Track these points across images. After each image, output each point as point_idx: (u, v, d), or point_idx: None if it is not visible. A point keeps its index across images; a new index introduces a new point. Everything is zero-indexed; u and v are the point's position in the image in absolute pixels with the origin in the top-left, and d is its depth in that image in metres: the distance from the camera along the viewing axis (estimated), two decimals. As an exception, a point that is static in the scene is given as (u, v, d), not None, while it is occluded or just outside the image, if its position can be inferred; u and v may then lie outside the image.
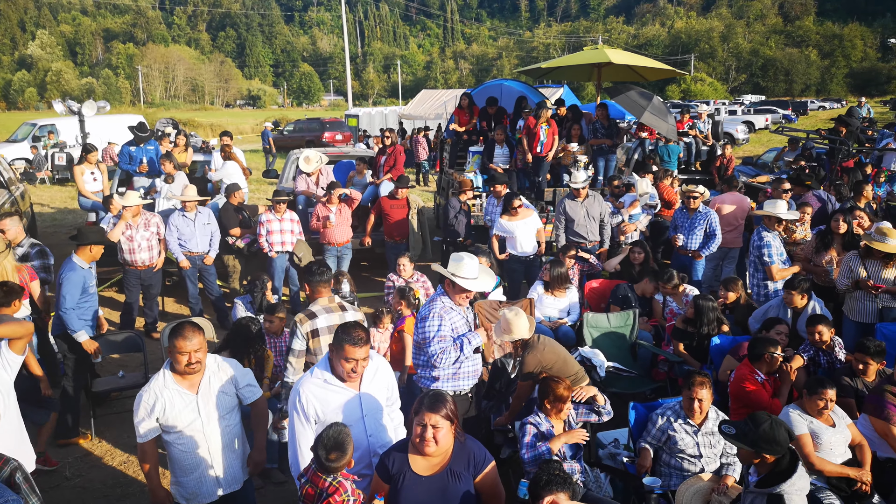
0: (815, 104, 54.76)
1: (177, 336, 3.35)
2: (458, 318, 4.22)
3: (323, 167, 9.49)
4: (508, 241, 7.72)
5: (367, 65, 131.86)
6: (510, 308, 4.54)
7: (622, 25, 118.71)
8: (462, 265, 4.16)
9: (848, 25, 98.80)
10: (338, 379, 3.35)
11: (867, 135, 14.15)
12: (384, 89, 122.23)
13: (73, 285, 5.40)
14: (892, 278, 5.70)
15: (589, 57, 10.82)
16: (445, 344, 4.09)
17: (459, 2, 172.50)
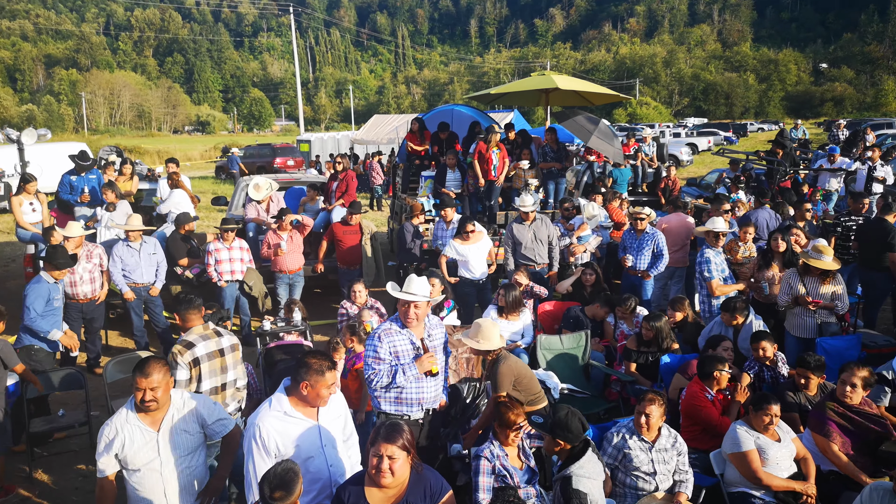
0: (754, 126, 57.01)
1: (136, 371, 3.31)
2: (401, 342, 4.16)
3: (273, 194, 9.38)
4: (461, 265, 7.73)
5: (319, 90, 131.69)
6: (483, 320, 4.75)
7: (569, 51, 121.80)
8: (411, 283, 4.17)
9: (782, 51, 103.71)
10: (297, 410, 3.32)
11: (805, 156, 14.78)
12: (336, 114, 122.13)
13: (38, 295, 5.85)
14: (829, 294, 5.93)
15: (537, 83, 11.04)
16: (378, 366, 4.09)
17: (410, 28, 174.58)
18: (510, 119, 19.53)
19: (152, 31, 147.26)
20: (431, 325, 4.41)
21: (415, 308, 4.12)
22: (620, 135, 18.00)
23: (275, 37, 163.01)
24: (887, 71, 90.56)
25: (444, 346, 4.52)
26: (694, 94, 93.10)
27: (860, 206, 8.56)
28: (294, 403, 3.31)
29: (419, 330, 4.26)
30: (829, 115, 70.77)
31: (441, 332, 4.49)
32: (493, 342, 4.61)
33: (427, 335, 4.31)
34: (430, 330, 4.36)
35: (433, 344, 4.32)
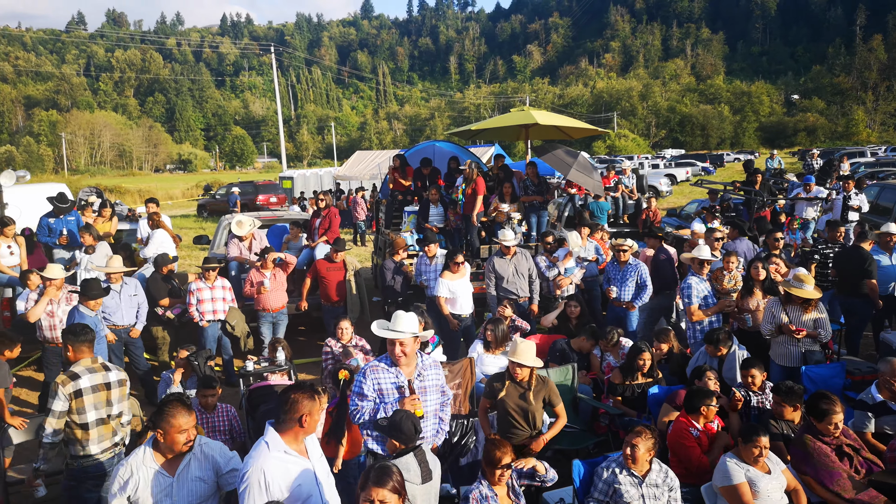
0: (730, 156, 58.16)
1: (170, 415, 3.32)
2: (386, 380, 4.12)
3: (256, 231, 9.34)
4: (449, 303, 7.73)
5: (301, 127, 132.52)
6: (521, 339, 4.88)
7: (548, 86, 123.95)
8: (397, 319, 4.14)
9: (754, 83, 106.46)
10: (292, 449, 3.29)
11: (780, 185, 15.06)
12: (319, 150, 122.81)
13: None
14: (811, 322, 5.98)
15: (516, 118, 11.20)
16: (361, 402, 4.08)
17: (391, 65, 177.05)
18: (491, 153, 19.78)
19: (133, 72, 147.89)
20: (424, 365, 4.31)
21: (400, 346, 4.07)
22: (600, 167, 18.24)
23: (256, 75, 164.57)
24: (856, 101, 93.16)
25: (440, 387, 4.40)
26: (671, 126, 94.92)
27: (837, 235, 8.71)
28: (289, 442, 3.28)
29: (409, 369, 4.20)
30: (803, 145, 72.41)
31: (436, 374, 4.37)
32: (531, 360, 4.74)
33: (417, 375, 4.23)
34: (423, 370, 4.27)
35: (423, 384, 4.23)
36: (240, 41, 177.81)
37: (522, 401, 4.78)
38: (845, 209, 10.64)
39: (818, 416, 4.32)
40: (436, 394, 4.33)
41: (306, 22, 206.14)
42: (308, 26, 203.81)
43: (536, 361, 4.81)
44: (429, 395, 4.25)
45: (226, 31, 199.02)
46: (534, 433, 4.85)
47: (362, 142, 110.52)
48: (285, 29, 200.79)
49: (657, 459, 4.17)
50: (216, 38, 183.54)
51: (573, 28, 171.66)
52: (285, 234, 10.31)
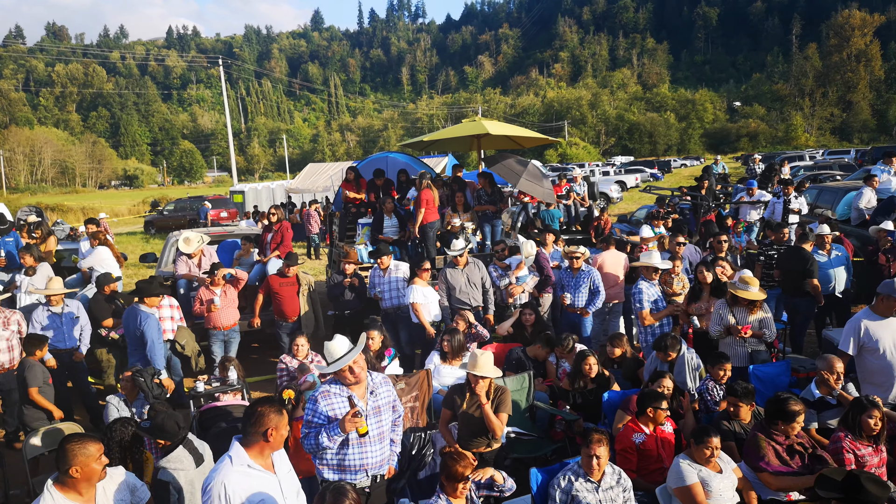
0: (677, 162, 59.84)
1: (82, 447, 3.30)
2: (337, 402, 3.95)
3: (205, 248, 9.12)
4: (423, 309, 7.70)
5: (252, 140, 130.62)
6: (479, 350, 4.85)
7: (499, 96, 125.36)
8: (330, 348, 4.00)
9: (698, 91, 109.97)
10: (257, 463, 3.27)
11: (725, 190, 15.52)
12: (270, 163, 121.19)
13: (154, 328, 6.69)
14: (757, 322, 6.15)
15: (468, 129, 11.24)
16: (309, 429, 3.91)
17: (343, 77, 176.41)
18: (445, 163, 19.85)
19: (75, 86, 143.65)
20: (376, 383, 4.14)
21: (350, 368, 3.92)
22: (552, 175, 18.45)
23: (204, 88, 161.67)
24: (794, 107, 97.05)
25: (391, 404, 4.24)
26: (619, 134, 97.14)
27: (781, 236, 9.01)
28: (254, 456, 3.25)
29: (361, 390, 4.04)
30: (746, 150, 74.98)
31: (387, 391, 4.19)
32: (491, 370, 4.72)
33: (370, 393, 4.08)
34: (375, 388, 4.11)
35: (377, 403, 4.07)
36: (187, 54, 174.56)
37: (478, 412, 4.77)
38: (786, 212, 11.00)
39: (786, 418, 4.36)
40: (389, 412, 4.16)
41: (255, 34, 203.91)
42: (257, 38, 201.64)
43: (496, 372, 4.80)
44: (383, 414, 4.09)
45: (172, 43, 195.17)
46: (492, 442, 4.85)
47: (315, 154, 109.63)
48: (234, 41, 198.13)
49: (611, 463, 4.21)
50: (162, 51, 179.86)
51: (523, 39, 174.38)
52: (236, 250, 10.12)
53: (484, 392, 4.77)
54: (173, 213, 29.03)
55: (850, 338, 5.33)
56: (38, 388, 6.13)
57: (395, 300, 8.08)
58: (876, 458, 4.36)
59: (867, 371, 5.20)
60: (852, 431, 4.38)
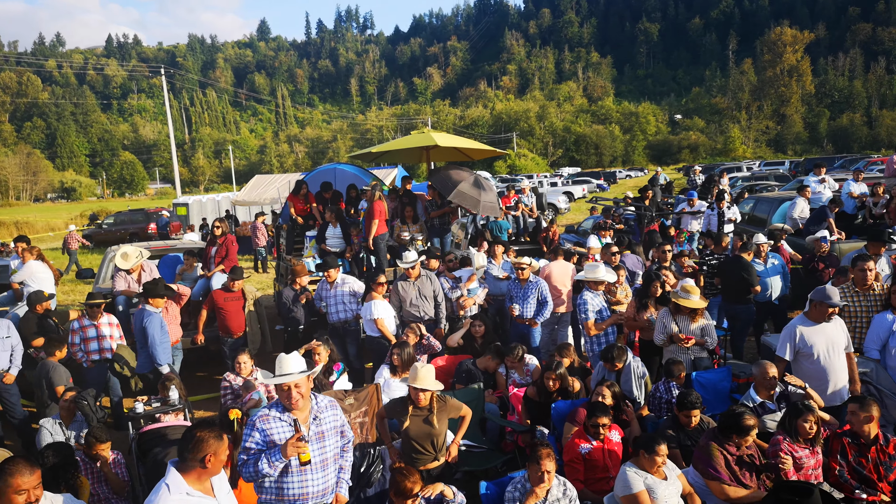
0: (622, 173, 61.36)
1: (9, 473, 3.11)
2: (277, 428, 3.76)
3: (145, 263, 8.82)
4: (371, 325, 7.63)
5: (197, 151, 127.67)
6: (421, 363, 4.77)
7: (449, 108, 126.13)
8: (282, 362, 3.87)
9: (641, 104, 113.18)
10: (195, 489, 3.18)
11: (668, 201, 15.95)
12: (216, 175, 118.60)
13: (156, 325, 7.03)
14: (699, 330, 6.31)
15: (416, 141, 11.24)
16: (247, 455, 3.74)
17: (290, 87, 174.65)
18: (394, 175, 19.80)
19: (8, 95, 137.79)
20: (320, 407, 3.93)
21: (295, 388, 3.75)
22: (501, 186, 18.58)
23: (146, 98, 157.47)
24: (732, 120, 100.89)
25: (338, 429, 4.01)
26: (567, 146, 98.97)
27: (722, 246, 9.30)
28: (191, 482, 3.17)
29: (303, 414, 3.84)
30: (687, 161, 77.43)
31: (332, 415, 3.96)
32: (431, 383, 4.67)
33: (314, 419, 3.87)
34: (318, 413, 3.90)
35: (321, 429, 3.87)
36: (127, 63, 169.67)
37: (427, 426, 4.72)
38: (721, 222, 11.37)
39: (741, 432, 4.43)
40: (335, 437, 3.95)
41: (199, 43, 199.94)
42: (201, 48, 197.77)
43: (437, 385, 4.74)
44: (327, 440, 3.88)
45: (112, 52, 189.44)
46: (439, 456, 4.81)
47: (262, 165, 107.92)
48: (177, 50, 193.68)
49: (556, 474, 4.23)
50: (101, 60, 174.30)
51: (471, 51, 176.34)
52: (178, 265, 9.83)
53: (430, 406, 4.73)
54: (113, 226, 28.03)
55: (787, 343, 5.51)
56: (63, 388, 6.28)
57: (343, 314, 7.99)
58: (812, 461, 4.50)
59: (803, 375, 5.38)
60: (790, 435, 4.52)
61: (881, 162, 21.63)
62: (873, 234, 8.01)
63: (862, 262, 6.42)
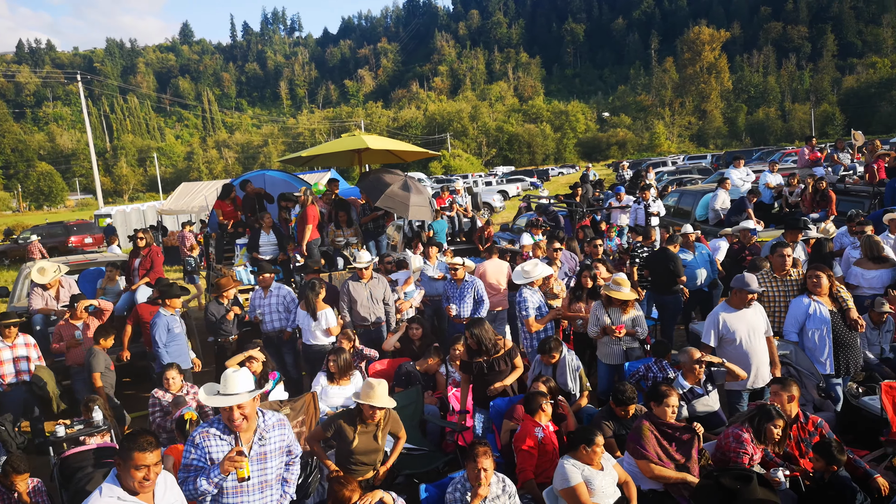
0: (555, 171, 62.63)
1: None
2: (216, 444, 3.65)
3: (63, 278, 8.40)
4: (311, 333, 7.48)
5: (119, 159, 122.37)
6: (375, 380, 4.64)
7: (381, 110, 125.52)
8: (227, 381, 3.72)
9: (570, 103, 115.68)
10: (130, 494, 3.13)
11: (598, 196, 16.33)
12: (141, 184, 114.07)
13: (160, 328, 7.03)
14: (630, 321, 6.47)
15: (348, 144, 11.12)
16: (187, 473, 3.62)
17: (217, 91, 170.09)
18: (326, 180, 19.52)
19: None
20: (266, 426, 3.78)
21: (239, 409, 3.60)
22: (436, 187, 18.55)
23: (63, 106, 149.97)
24: (656, 117, 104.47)
25: (284, 448, 3.87)
26: (500, 145, 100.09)
27: (651, 238, 9.58)
28: (130, 490, 3.14)
29: (248, 434, 3.70)
30: (616, 158, 79.72)
31: (280, 435, 3.82)
32: (385, 401, 4.60)
33: (258, 438, 3.72)
34: (265, 432, 3.75)
35: (264, 449, 3.72)
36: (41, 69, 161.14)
37: (374, 441, 4.67)
38: (647, 216, 11.73)
39: (657, 398, 4.67)
40: (279, 458, 3.82)
41: (118, 48, 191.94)
42: (120, 52, 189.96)
43: (390, 402, 4.68)
44: (269, 462, 3.75)
45: (23, 58, 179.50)
46: (378, 467, 4.76)
47: (190, 172, 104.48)
48: (94, 55, 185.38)
49: (495, 472, 4.26)
50: (12, 67, 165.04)
51: (402, 53, 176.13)
52: (100, 279, 9.40)
53: (379, 422, 4.67)
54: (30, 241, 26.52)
55: (711, 330, 5.72)
56: (100, 374, 6.78)
57: (278, 322, 7.81)
58: (758, 455, 4.63)
59: (727, 360, 5.58)
60: (757, 436, 4.56)
61: (795, 153, 22.82)
62: (790, 222, 8.43)
63: (780, 248, 6.72)
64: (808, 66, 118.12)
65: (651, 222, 11.23)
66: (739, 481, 3.30)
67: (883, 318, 6.57)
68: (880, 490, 4.43)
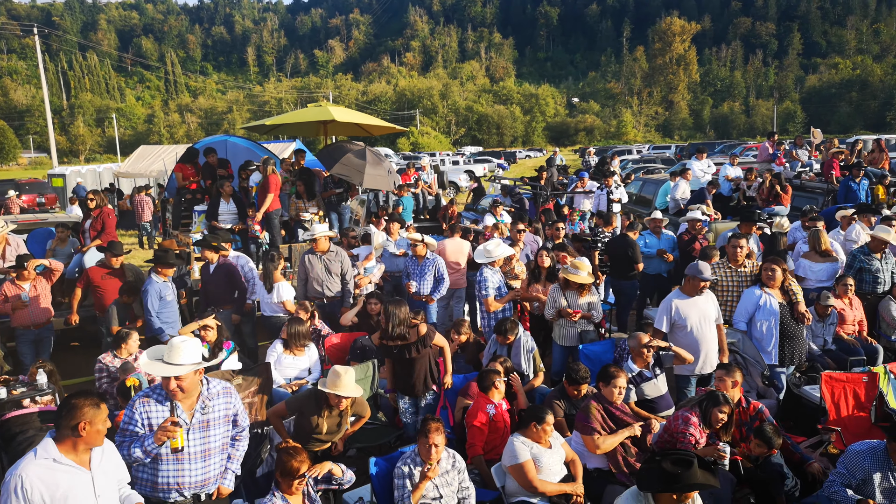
0: (522, 153, 62.75)
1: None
2: (156, 410, 3.62)
3: (10, 237, 8.10)
4: (269, 305, 7.43)
5: (76, 118, 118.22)
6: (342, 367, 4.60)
7: (351, 82, 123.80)
8: (172, 350, 3.66)
9: (541, 86, 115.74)
10: (66, 456, 3.09)
11: (563, 181, 16.42)
12: (99, 145, 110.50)
13: (152, 295, 6.91)
14: (586, 305, 6.56)
15: (313, 114, 10.94)
16: (123, 438, 3.59)
17: (181, 54, 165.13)
18: (291, 150, 19.19)
19: None
20: (210, 394, 3.74)
21: (176, 380, 3.56)
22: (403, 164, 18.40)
23: (18, 60, 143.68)
24: (625, 105, 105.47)
25: (229, 417, 3.85)
26: (469, 125, 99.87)
27: (611, 224, 9.70)
28: (65, 451, 3.08)
29: (189, 401, 3.67)
30: (583, 143, 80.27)
31: (225, 403, 3.80)
32: (352, 390, 4.57)
33: (201, 406, 3.70)
34: (207, 400, 3.72)
35: (206, 417, 3.70)
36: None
37: (337, 427, 4.71)
38: (609, 202, 11.85)
39: (605, 379, 4.79)
40: (223, 427, 3.79)
41: (79, 3, 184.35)
42: (81, 7, 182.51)
43: (357, 391, 4.66)
44: (213, 430, 3.72)
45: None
46: (335, 439, 4.78)
47: (151, 136, 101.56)
48: (53, 9, 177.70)
49: (447, 448, 4.29)
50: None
51: (374, 25, 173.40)
52: (50, 239, 9.11)
53: (346, 409, 4.69)
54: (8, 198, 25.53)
55: (664, 316, 5.84)
56: None
57: (235, 292, 7.69)
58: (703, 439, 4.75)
59: (678, 345, 5.71)
60: (704, 420, 4.65)
61: (755, 148, 23.32)
62: (745, 214, 8.62)
63: (735, 240, 6.88)
64: (773, 62, 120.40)
65: (612, 209, 11.35)
66: (680, 466, 3.39)
67: (828, 311, 6.80)
68: (815, 475, 4.63)
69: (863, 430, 5.45)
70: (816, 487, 4.57)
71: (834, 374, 5.70)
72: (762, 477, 4.53)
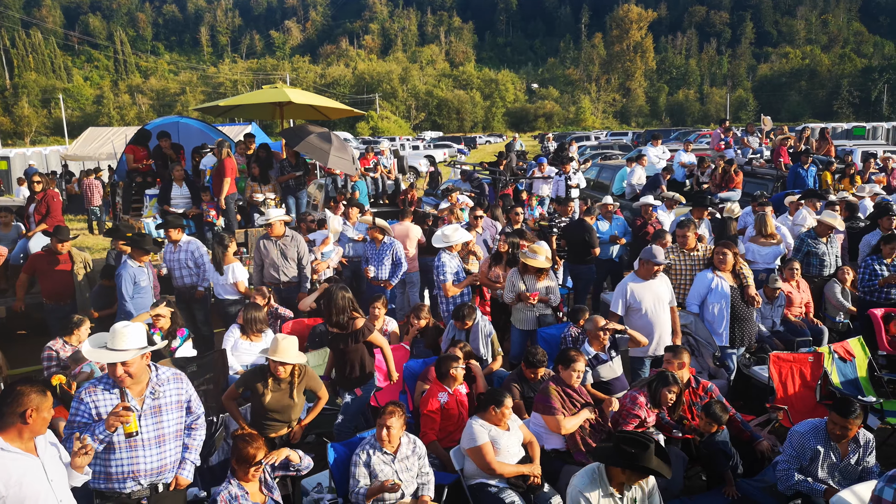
0: (482, 139, 62.82)
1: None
2: (104, 400, 3.53)
3: (-51, 223, 7.77)
4: (223, 287, 7.36)
5: (20, 98, 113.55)
6: None
7: (309, 65, 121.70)
8: (115, 336, 3.55)
9: (501, 72, 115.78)
10: (14, 445, 3.02)
11: (522, 166, 16.53)
12: (45, 126, 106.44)
13: (126, 280, 6.74)
14: (544, 289, 6.62)
15: (269, 96, 10.72)
16: (72, 430, 3.50)
17: (131, 32, 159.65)
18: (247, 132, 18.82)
19: None
20: (160, 380, 3.69)
21: (123, 366, 3.49)
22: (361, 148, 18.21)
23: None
24: (583, 91, 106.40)
25: (182, 403, 3.78)
26: (429, 110, 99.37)
27: (568, 209, 9.79)
28: (9, 439, 3.02)
29: (138, 387, 3.60)
30: (543, 129, 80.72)
31: (176, 388, 3.75)
32: (293, 356, 4.50)
33: (150, 392, 3.62)
34: (157, 386, 3.67)
35: (157, 402, 3.63)
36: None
37: (287, 399, 4.61)
38: (567, 188, 11.99)
39: (565, 362, 4.85)
40: (176, 412, 3.74)
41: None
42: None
43: (299, 357, 4.60)
44: (165, 416, 3.67)
45: None
46: (292, 424, 4.72)
47: (100, 117, 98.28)
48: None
49: (406, 433, 4.30)
50: None
51: (332, 7, 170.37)
52: (-7, 224, 8.75)
53: (287, 376, 4.59)
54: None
55: (619, 300, 5.95)
56: None
57: (189, 278, 7.52)
58: (652, 418, 4.87)
59: (633, 328, 5.82)
60: (653, 400, 4.81)
61: (709, 135, 23.83)
62: (697, 200, 8.83)
63: (679, 229, 7.03)
64: (727, 51, 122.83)
65: (571, 194, 11.48)
66: (636, 447, 3.48)
67: (776, 293, 7.02)
68: (763, 452, 4.80)
69: (808, 408, 5.67)
70: (766, 464, 4.74)
71: (782, 354, 5.90)
72: (706, 453, 4.67)
